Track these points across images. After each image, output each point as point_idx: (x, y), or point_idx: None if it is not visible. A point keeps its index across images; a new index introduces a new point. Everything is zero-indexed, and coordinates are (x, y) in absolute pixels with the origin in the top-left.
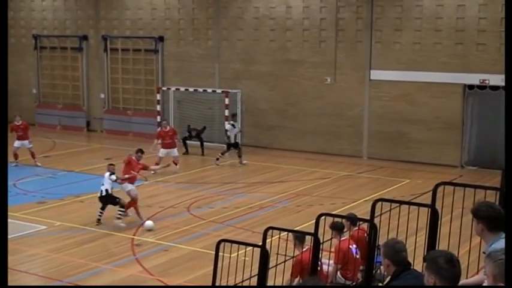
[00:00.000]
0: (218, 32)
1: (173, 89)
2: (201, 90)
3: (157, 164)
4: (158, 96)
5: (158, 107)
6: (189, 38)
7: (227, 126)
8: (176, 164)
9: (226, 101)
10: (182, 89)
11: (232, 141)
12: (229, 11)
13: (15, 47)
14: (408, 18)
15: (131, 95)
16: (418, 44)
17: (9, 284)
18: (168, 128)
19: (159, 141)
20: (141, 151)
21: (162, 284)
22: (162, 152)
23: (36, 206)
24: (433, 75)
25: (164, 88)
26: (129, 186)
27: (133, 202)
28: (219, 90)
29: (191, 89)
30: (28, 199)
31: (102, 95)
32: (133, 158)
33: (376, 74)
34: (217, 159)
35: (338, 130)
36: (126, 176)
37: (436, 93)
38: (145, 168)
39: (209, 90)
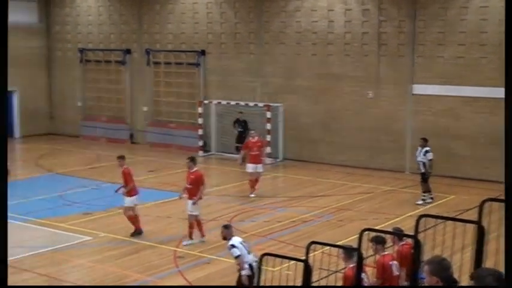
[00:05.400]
0: (260, 46)
1: (215, 102)
2: (242, 103)
3: (253, 187)
4: (200, 110)
5: (200, 120)
6: (231, 52)
7: None
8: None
9: (268, 114)
10: (224, 102)
11: None
12: (272, 25)
13: (62, 60)
14: (451, 33)
15: (173, 108)
16: (462, 58)
17: None
18: (256, 138)
19: (242, 153)
20: (192, 159)
21: None
22: (250, 167)
23: (81, 217)
24: (477, 90)
25: (206, 101)
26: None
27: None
28: (260, 104)
29: (233, 103)
30: (74, 210)
31: (145, 108)
32: (190, 168)
33: (419, 89)
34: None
35: (380, 145)
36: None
37: (480, 108)
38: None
39: (251, 104)
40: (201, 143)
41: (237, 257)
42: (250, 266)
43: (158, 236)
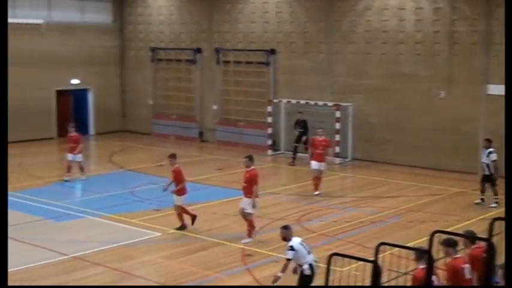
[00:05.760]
0: (330, 45)
1: (284, 101)
2: (312, 103)
3: (316, 186)
4: (269, 109)
5: (269, 119)
6: (301, 51)
7: None
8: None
9: (337, 114)
10: (293, 101)
11: None
12: (342, 24)
13: (134, 59)
14: None
15: (243, 107)
16: None
17: None
18: (323, 137)
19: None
20: (250, 158)
21: None
22: (314, 164)
23: (151, 214)
24: None
25: (275, 100)
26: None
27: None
28: (330, 104)
29: (302, 102)
30: (144, 206)
31: (215, 107)
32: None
33: (494, 89)
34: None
35: (450, 145)
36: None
37: None
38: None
39: (320, 103)
40: (270, 142)
41: (288, 260)
42: (311, 265)
43: (226, 233)
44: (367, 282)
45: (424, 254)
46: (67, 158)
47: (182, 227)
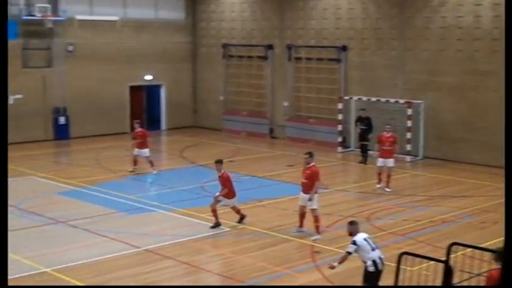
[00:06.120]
0: (403, 42)
1: (355, 98)
2: (383, 100)
3: (381, 181)
4: (340, 106)
5: (340, 116)
6: (373, 48)
7: None
8: (388, 182)
9: (409, 111)
10: (364, 98)
11: None
12: (415, 21)
13: (206, 56)
14: None
15: (314, 104)
16: None
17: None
18: (390, 133)
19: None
20: (310, 154)
21: None
22: (380, 161)
23: (221, 209)
24: None
25: (346, 97)
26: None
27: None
28: (401, 101)
29: (373, 99)
30: None
31: (285, 103)
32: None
33: None
34: None
35: None
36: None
37: None
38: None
39: (392, 100)
40: (340, 139)
41: (347, 253)
42: (374, 262)
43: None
44: (438, 283)
45: (499, 254)
46: (134, 152)
47: (217, 224)
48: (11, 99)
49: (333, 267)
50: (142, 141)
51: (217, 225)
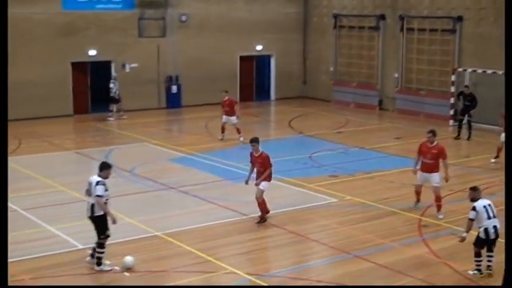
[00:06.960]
0: None
1: (469, 70)
2: (500, 72)
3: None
4: (453, 78)
5: (452, 89)
6: (490, 19)
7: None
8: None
9: None
10: (479, 71)
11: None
12: None
13: (317, 25)
14: None
15: (425, 76)
16: None
17: None
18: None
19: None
20: (433, 133)
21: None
22: (502, 136)
23: (328, 179)
24: None
25: (460, 69)
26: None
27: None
28: None
29: (489, 71)
30: (321, 172)
31: (396, 75)
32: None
33: None
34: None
35: None
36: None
37: None
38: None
39: None
40: (452, 112)
41: (470, 219)
42: (486, 230)
43: (403, 202)
44: None
45: None
46: (222, 120)
47: (262, 220)
48: (127, 68)
49: (463, 239)
50: (229, 109)
51: (263, 220)
